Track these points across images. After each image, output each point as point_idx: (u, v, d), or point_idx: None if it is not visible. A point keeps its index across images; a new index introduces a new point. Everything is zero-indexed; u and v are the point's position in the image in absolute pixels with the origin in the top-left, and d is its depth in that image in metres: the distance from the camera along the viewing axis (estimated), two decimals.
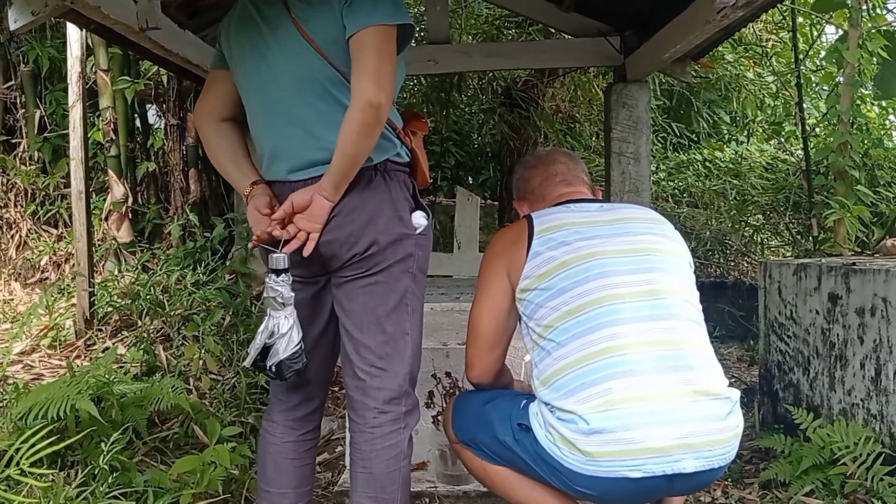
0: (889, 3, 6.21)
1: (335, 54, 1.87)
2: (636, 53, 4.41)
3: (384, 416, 1.97)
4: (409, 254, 1.98)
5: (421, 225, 2.00)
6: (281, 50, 1.92)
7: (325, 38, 1.86)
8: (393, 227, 1.94)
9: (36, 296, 5.25)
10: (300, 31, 1.88)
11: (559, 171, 2.19)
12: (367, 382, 1.98)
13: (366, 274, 1.94)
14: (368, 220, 1.90)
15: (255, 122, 2.05)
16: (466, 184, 7.50)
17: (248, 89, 2.03)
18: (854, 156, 4.90)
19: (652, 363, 1.72)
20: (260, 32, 1.96)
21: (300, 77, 1.91)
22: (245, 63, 2.01)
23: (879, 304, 2.67)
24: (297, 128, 1.93)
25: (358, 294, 1.96)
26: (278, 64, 1.93)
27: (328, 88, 1.89)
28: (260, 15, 1.97)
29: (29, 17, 3.10)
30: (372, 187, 1.92)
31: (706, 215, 6.88)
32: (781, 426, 3.14)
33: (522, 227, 1.98)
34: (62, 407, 2.57)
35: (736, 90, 8.37)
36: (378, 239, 1.91)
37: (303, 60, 1.89)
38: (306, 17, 1.88)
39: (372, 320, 1.96)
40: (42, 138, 5.89)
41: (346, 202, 1.89)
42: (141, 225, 5.84)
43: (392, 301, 1.97)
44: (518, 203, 2.28)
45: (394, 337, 1.98)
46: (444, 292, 3.81)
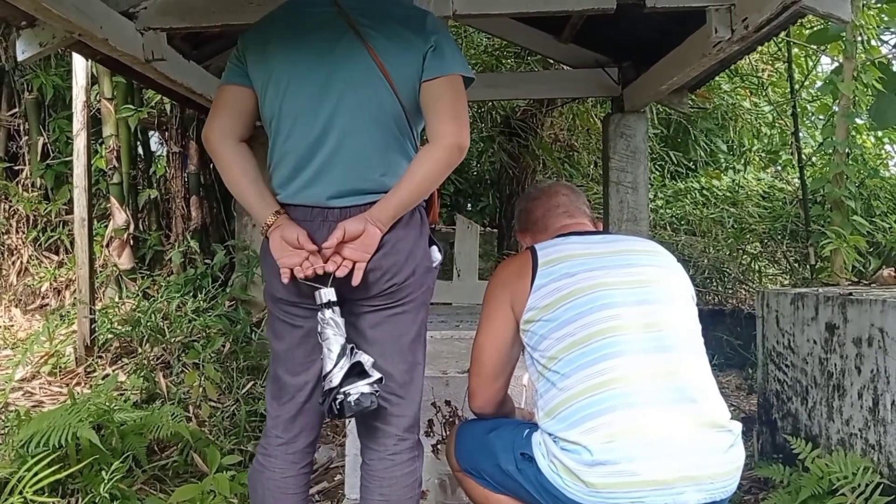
0: (884, 35, 6.27)
1: (405, 93, 1.90)
2: (634, 84, 4.47)
3: (404, 443, 1.99)
4: (429, 287, 2.04)
5: (437, 259, 2.05)
6: (349, 76, 1.90)
7: (400, 75, 1.89)
8: (425, 259, 1.99)
9: (36, 322, 5.26)
10: (377, 63, 1.88)
11: (561, 202, 2.22)
12: (389, 410, 1.98)
13: (395, 304, 1.96)
14: (410, 252, 1.94)
15: (293, 141, 1.95)
16: (466, 211, 7.54)
17: (293, 108, 1.94)
18: (850, 186, 4.95)
19: (655, 395, 1.73)
20: (323, 54, 1.92)
21: (366, 106, 1.90)
22: (298, 81, 1.93)
23: (876, 335, 2.69)
24: (349, 155, 1.91)
25: (383, 323, 1.97)
26: (343, 89, 1.90)
27: (390, 123, 1.91)
28: (321, 37, 1.94)
29: (37, 49, 3.16)
30: (412, 222, 1.96)
31: (704, 243, 6.91)
32: (780, 456, 3.14)
33: (526, 258, 1.99)
34: (63, 435, 2.57)
35: (732, 119, 8.44)
36: (416, 269, 1.96)
37: (372, 90, 1.89)
38: (385, 51, 1.89)
39: (396, 349, 1.98)
40: (45, 165, 5.94)
41: (393, 234, 1.91)
42: (142, 251, 5.87)
43: (414, 331, 2.01)
44: (521, 234, 2.31)
45: (413, 365, 2.01)
46: (444, 320, 3.83)
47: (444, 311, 4.31)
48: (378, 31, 1.90)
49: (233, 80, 2.02)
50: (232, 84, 2.02)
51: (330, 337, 1.82)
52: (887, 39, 6.14)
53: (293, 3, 2.05)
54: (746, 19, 2.90)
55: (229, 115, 2.00)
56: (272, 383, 2.10)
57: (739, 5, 2.96)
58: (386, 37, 1.90)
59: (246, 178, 1.98)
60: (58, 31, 3.02)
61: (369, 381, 1.81)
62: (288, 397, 2.05)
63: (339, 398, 1.79)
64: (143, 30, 3.25)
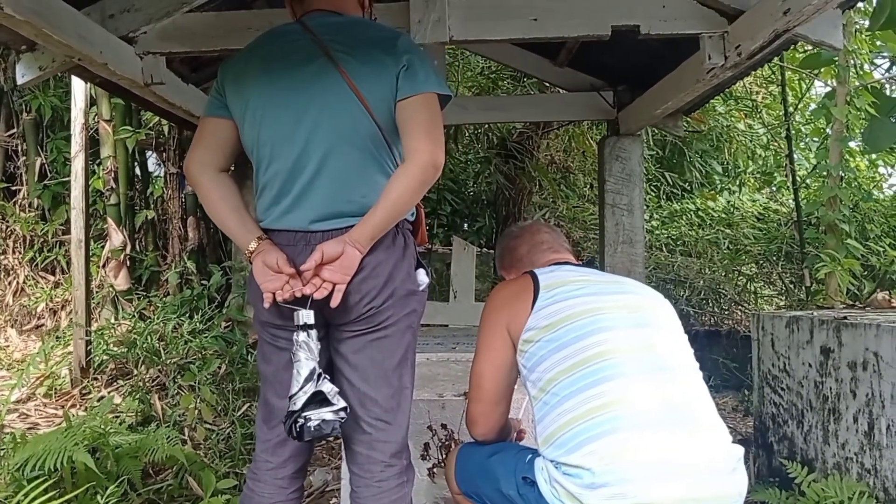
0: (876, 60, 6.34)
1: (381, 113, 1.90)
2: (629, 108, 4.51)
3: (391, 469, 1.97)
4: (414, 310, 2.01)
5: (424, 282, 2.03)
6: (324, 101, 1.92)
7: (375, 97, 1.89)
8: (406, 283, 1.97)
9: (32, 343, 5.25)
10: (350, 86, 1.89)
11: (545, 239, 2.27)
12: (374, 436, 1.97)
13: (375, 328, 1.95)
14: (389, 275, 1.93)
15: (274, 168, 1.98)
16: (462, 231, 7.55)
17: (270, 136, 1.97)
18: (844, 209, 4.99)
19: (655, 416, 1.73)
20: (297, 81, 1.95)
21: (342, 130, 1.91)
22: (273, 109, 1.96)
23: (871, 359, 2.70)
24: (328, 178, 1.92)
25: (366, 347, 1.96)
26: (318, 114, 1.92)
27: (368, 145, 1.92)
28: (295, 64, 1.96)
29: (36, 72, 3.18)
30: (395, 244, 1.96)
31: (700, 264, 6.94)
32: (776, 479, 3.14)
33: (526, 281, 2.01)
34: (59, 458, 2.57)
35: (727, 141, 8.50)
36: (395, 293, 1.94)
37: (347, 114, 1.90)
38: (358, 73, 1.90)
39: (380, 374, 1.97)
40: (42, 185, 5.95)
41: (374, 256, 1.91)
42: (138, 272, 5.87)
43: (398, 355, 1.99)
44: (506, 271, 2.33)
45: (399, 391, 2.00)
46: (440, 342, 3.82)
47: (440, 332, 4.30)
48: (351, 54, 1.92)
49: (212, 111, 2.06)
50: (211, 116, 2.06)
51: (301, 360, 1.82)
52: (880, 64, 6.21)
53: (269, 33, 2.09)
54: (739, 46, 2.94)
55: (208, 147, 2.04)
56: (262, 407, 2.11)
57: (732, 33, 3.00)
58: (359, 60, 1.92)
59: (226, 207, 2.01)
60: (57, 56, 3.05)
61: (333, 409, 1.81)
62: (277, 421, 2.04)
63: (299, 422, 1.80)
64: (142, 54, 3.27)
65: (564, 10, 3.14)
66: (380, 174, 1.94)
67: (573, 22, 3.14)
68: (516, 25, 3.14)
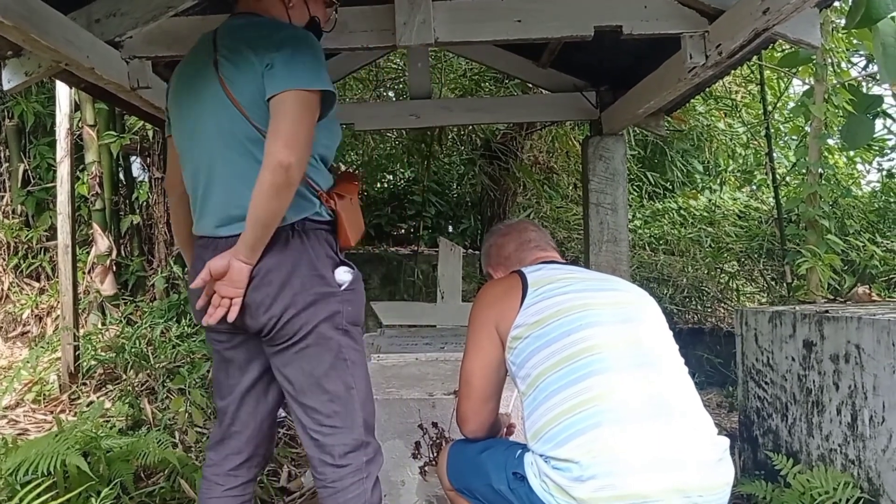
0: (853, 58, 6.44)
1: (255, 114, 1.89)
2: (612, 108, 4.55)
3: (343, 469, 1.97)
4: (336, 311, 1.96)
5: (345, 280, 1.99)
6: (208, 107, 1.97)
7: (247, 98, 1.90)
8: (312, 286, 1.92)
9: (17, 350, 5.23)
10: (224, 90, 1.91)
11: (532, 238, 2.30)
12: (321, 441, 1.98)
13: (293, 341, 1.93)
14: (285, 281, 1.89)
15: (186, 178, 2.08)
16: (447, 233, 7.58)
17: (181, 147, 2.08)
18: (824, 206, 5.06)
19: (642, 409, 1.77)
20: (192, 92, 2.02)
21: (222, 134, 1.94)
22: (182, 122, 2.07)
23: (853, 351, 2.75)
24: (219, 184, 1.96)
25: (293, 360, 1.96)
26: (204, 121, 1.97)
27: (248, 146, 1.91)
28: (193, 76, 2.03)
29: (22, 78, 3.17)
30: (289, 247, 1.91)
31: (682, 262, 7.00)
32: (762, 472, 3.19)
33: (514, 280, 2.04)
34: (52, 462, 2.58)
35: (708, 140, 8.57)
36: (295, 300, 1.90)
37: (226, 118, 1.92)
38: (231, 76, 1.92)
39: (312, 383, 1.96)
40: (25, 192, 5.92)
41: (263, 264, 1.88)
42: (125, 277, 5.86)
43: (327, 360, 1.96)
44: (493, 269, 2.35)
45: (337, 395, 1.97)
46: (429, 342, 3.86)
47: (428, 333, 4.33)
48: (229, 58, 1.94)
49: (168, 130, 2.17)
50: (169, 135, 2.18)
51: None
52: (856, 62, 6.31)
53: (197, 43, 2.14)
54: (720, 45, 2.98)
55: (171, 167, 2.18)
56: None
57: (713, 32, 3.04)
58: (234, 63, 1.93)
59: (178, 232, 2.23)
60: (44, 61, 3.04)
61: None
62: (219, 420, 2.15)
63: None
64: (128, 58, 3.27)
65: (548, 11, 3.17)
66: None
67: (556, 23, 3.17)
68: (500, 27, 3.17)
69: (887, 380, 2.56)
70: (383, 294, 5.96)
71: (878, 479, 2.61)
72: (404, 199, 7.66)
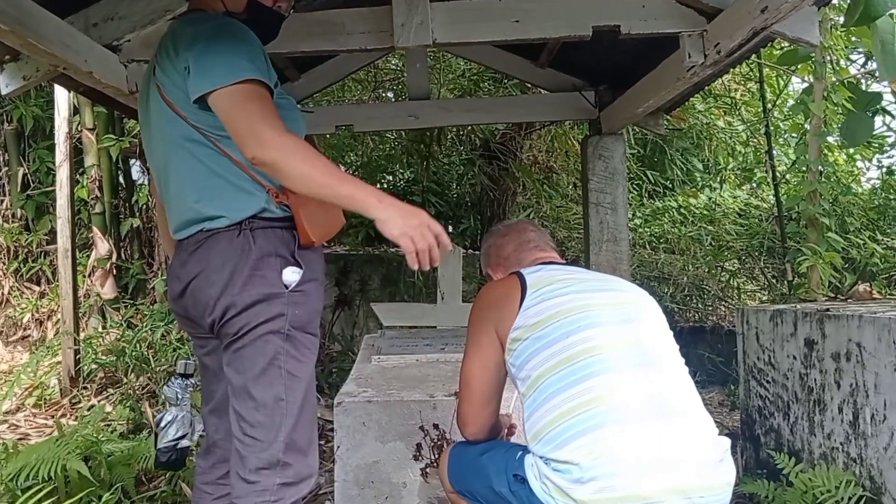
0: (852, 56, 6.44)
1: (191, 112, 1.83)
2: (611, 107, 4.55)
3: (249, 486, 1.82)
4: (279, 313, 1.84)
5: (292, 281, 1.86)
6: (153, 112, 1.93)
7: (179, 98, 1.84)
8: (253, 287, 1.82)
9: (18, 354, 5.22)
10: (160, 93, 1.87)
11: (531, 238, 2.29)
12: (241, 451, 1.85)
13: (233, 339, 1.85)
14: (227, 282, 1.82)
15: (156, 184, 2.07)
16: (447, 233, 7.57)
17: (146, 153, 2.07)
18: (824, 203, 5.06)
19: (642, 410, 1.76)
20: (143, 98, 2.01)
21: (166, 138, 1.90)
22: (143, 128, 2.05)
23: (854, 350, 2.75)
24: (173, 189, 1.93)
25: (231, 360, 1.87)
26: (153, 126, 1.94)
27: (190, 148, 1.86)
28: (145, 82, 2.02)
29: (20, 82, 3.17)
30: (232, 247, 1.84)
31: (683, 261, 6.99)
32: (764, 471, 3.19)
33: (513, 281, 2.03)
34: (53, 467, 2.58)
35: (707, 138, 8.56)
36: (235, 302, 1.81)
37: (166, 120, 1.88)
38: (163, 80, 1.87)
39: (241, 386, 1.84)
40: (25, 196, 5.92)
41: (206, 266, 1.84)
42: (125, 280, 5.85)
43: (259, 365, 1.83)
44: (492, 270, 2.34)
45: (264, 404, 1.83)
46: (430, 343, 3.85)
47: (429, 334, 4.33)
48: (160, 62, 1.90)
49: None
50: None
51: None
52: (855, 59, 6.30)
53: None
54: (718, 44, 2.98)
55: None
56: None
57: (711, 31, 3.04)
58: (162, 66, 1.88)
59: (163, 234, 2.18)
60: (42, 65, 3.04)
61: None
62: (207, 426, 2.13)
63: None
64: (126, 62, 3.27)
65: (546, 11, 3.17)
66: (215, 178, 1.86)
67: (554, 23, 3.18)
68: (498, 27, 3.17)
69: (888, 378, 2.56)
70: (383, 295, 5.95)
71: (880, 478, 2.60)
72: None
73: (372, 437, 2.69)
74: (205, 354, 2.07)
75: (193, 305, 1.89)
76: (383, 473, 2.68)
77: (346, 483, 2.67)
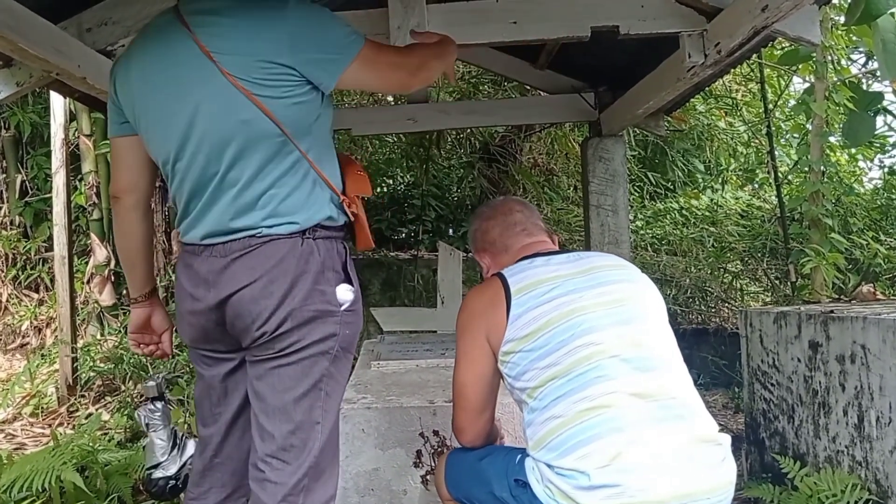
0: (852, 55, 6.40)
1: (276, 107, 1.69)
2: (610, 109, 4.52)
3: None
4: (332, 333, 1.76)
5: (346, 301, 1.78)
6: (206, 104, 1.71)
7: (265, 92, 1.68)
8: (312, 302, 1.72)
9: (17, 361, 5.20)
10: (235, 86, 1.67)
11: (518, 220, 2.17)
12: (266, 475, 1.75)
13: (277, 355, 1.74)
14: (286, 293, 1.70)
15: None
16: (447, 237, 7.55)
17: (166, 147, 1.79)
18: (827, 204, 5.02)
19: (647, 414, 1.73)
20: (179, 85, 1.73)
21: (227, 133, 1.70)
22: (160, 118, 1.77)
23: (859, 351, 2.72)
24: (216, 188, 1.74)
25: (267, 375, 1.76)
26: (199, 117, 1.71)
27: (259, 144, 1.71)
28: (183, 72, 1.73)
29: (14, 88, 3.15)
30: (296, 257, 1.72)
31: (685, 263, 6.96)
32: (769, 475, 3.15)
33: (497, 287, 1.95)
34: (47, 478, 2.55)
35: (708, 139, 8.54)
36: (293, 315, 1.71)
37: (233, 114, 1.69)
38: (237, 71, 1.67)
39: (279, 406, 1.74)
40: (23, 203, 5.90)
41: (265, 274, 1.70)
42: (123, 287, 5.81)
43: (304, 386, 1.75)
44: (479, 254, 2.24)
45: (301, 427, 1.75)
46: (430, 348, 3.81)
47: (429, 338, 4.29)
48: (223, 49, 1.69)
49: (114, 132, 1.88)
50: (115, 137, 1.88)
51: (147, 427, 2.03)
52: (856, 59, 6.27)
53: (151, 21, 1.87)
54: (719, 44, 2.95)
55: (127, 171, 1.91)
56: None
57: (711, 31, 3.01)
58: (227, 54, 1.68)
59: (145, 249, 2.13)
60: (35, 71, 3.01)
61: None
62: (201, 449, 1.99)
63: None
64: None
65: (543, 12, 3.14)
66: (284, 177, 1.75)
67: (552, 24, 3.14)
68: (496, 29, 3.14)
69: (893, 380, 2.53)
70: (383, 299, 5.92)
71: (886, 481, 2.57)
72: (404, 204, 7.63)
73: (371, 444, 2.66)
74: (214, 372, 1.92)
75: (236, 316, 1.74)
76: (383, 481, 2.65)
77: (346, 491, 2.63)
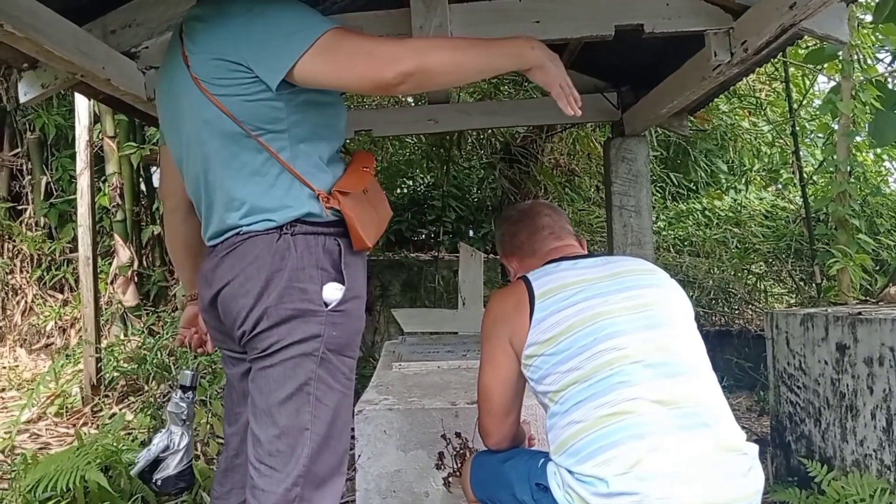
0: (878, 54, 6.32)
1: (235, 106, 1.66)
2: (633, 109, 4.48)
3: None
4: (314, 334, 1.66)
5: (333, 300, 1.68)
6: (187, 109, 1.74)
7: (222, 92, 1.67)
8: (290, 300, 1.65)
9: (41, 362, 5.25)
10: (200, 89, 1.68)
11: (545, 223, 2.16)
12: (255, 481, 1.68)
13: (262, 355, 1.68)
14: (261, 291, 1.65)
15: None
16: (468, 238, 7.54)
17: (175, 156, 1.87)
18: (853, 204, 4.95)
19: (670, 421, 1.70)
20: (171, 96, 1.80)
21: (205, 136, 1.72)
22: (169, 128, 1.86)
23: (887, 354, 2.67)
24: (210, 190, 1.76)
25: (255, 377, 1.70)
26: (187, 124, 1.75)
27: (229, 144, 1.70)
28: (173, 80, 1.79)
29: (39, 90, 3.17)
30: (272, 253, 1.66)
31: (708, 264, 6.90)
32: (795, 479, 3.11)
33: (521, 290, 1.94)
34: (71, 478, 2.56)
35: (732, 139, 8.46)
36: (268, 313, 1.64)
37: (206, 117, 1.70)
38: (203, 75, 1.68)
39: (264, 409, 1.68)
40: (48, 204, 5.97)
41: (241, 272, 1.67)
42: (146, 288, 5.87)
43: (288, 389, 1.66)
44: (507, 259, 2.24)
45: (286, 431, 1.66)
46: (451, 350, 3.80)
47: (450, 340, 4.28)
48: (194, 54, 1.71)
49: (161, 139, 1.94)
50: (161, 144, 1.96)
51: (172, 417, 2.00)
52: (882, 58, 6.18)
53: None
54: (745, 42, 2.91)
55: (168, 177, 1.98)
56: None
57: (738, 28, 2.97)
58: (196, 59, 1.71)
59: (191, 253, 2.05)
60: (60, 73, 3.03)
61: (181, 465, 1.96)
62: (225, 448, 1.99)
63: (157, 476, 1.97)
64: (144, 69, 3.26)
65: (567, 11, 3.12)
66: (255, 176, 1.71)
67: (576, 23, 3.12)
68: (518, 28, 3.12)
69: None
70: (404, 301, 5.91)
71: None
72: (424, 205, 7.63)
73: (393, 445, 2.65)
74: (234, 372, 1.94)
75: (224, 315, 1.73)
76: (405, 483, 2.64)
77: (368, 492, 2.63)
